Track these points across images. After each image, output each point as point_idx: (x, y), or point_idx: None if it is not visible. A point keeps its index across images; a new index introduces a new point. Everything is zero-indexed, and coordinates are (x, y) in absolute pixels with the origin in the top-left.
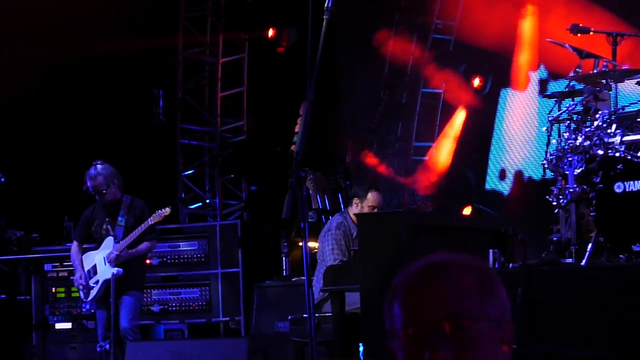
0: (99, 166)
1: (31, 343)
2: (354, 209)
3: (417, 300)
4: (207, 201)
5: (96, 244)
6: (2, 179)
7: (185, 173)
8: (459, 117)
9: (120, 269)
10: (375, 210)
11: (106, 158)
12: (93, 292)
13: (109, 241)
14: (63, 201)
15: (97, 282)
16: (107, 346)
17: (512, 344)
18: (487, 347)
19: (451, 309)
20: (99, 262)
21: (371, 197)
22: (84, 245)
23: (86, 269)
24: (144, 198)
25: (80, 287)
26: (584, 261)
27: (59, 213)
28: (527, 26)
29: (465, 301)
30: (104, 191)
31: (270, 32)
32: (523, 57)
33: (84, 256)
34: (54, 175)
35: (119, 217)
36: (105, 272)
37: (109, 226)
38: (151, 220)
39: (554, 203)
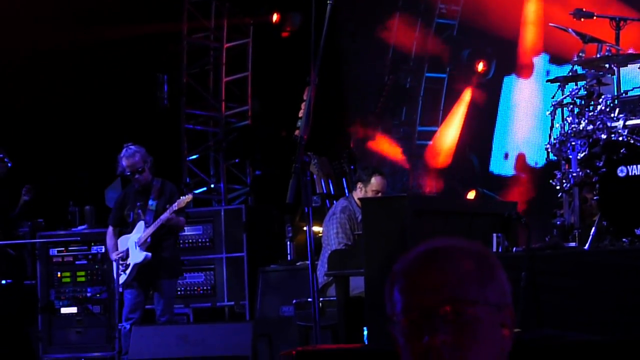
0: (132, 146)
1: (37, 327)
2: (358, 193)
3: (416, 285)
4: (212, 186)
5: (130, 228)
6: (9, 164)
7: (190, 158)
8: (464, 102)
9: (149, 254)
10: (379, 194)
11: (110, 143)
12: (124, 276)
13: (140, 225)
14: (68, 186)
15: (128, 265)
16: (128, 326)
17: (513, 328)
18: (486, 331)
19: (450, 293)
20: (130, 246)
21: (375, 181)
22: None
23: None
24: None
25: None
26: (587, 245)
27: (64, 198)
28: (532, 10)
29: (464, 285)
30: (141, 168)
31: (275, 17)
32: (528, 42)
33: (120, 239)
34: (59, 161)
35: (150, 200)
36: (136, 256)
37: (139, 210)
38: (175, 206)
39: (557, 187)
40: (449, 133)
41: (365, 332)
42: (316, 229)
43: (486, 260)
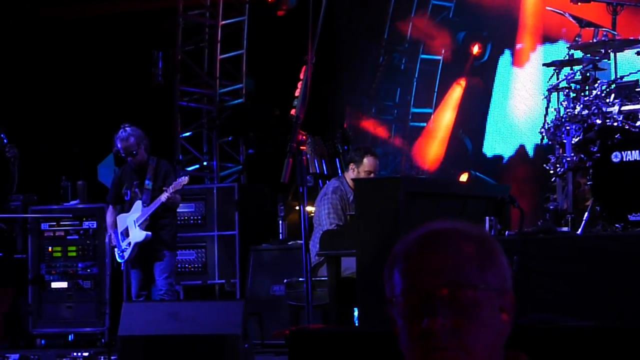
0: (128, 128)
1: (26, 301)
2: (351, 174)
3: (417, 268)
4: (205, 163)
5: (127, 207)
6: (5, 141)
7: (183, 135)
8: (458, 85)
9: (150, 233)
10: (372, 175)
11: (104, 118)
12: (126, 254)
13: (138, 204)
14: (60, 161)
15: (129, 244)
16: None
17: (512, 313)
18: (485, 315)
19: (450, 277)
20: (130, 225)
21: (367, 162)
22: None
23: (119, 231)
24: None
25: (115, 249)
26: (580, 230)
27: (57, 173)
28: None
29: (465, 269)
30: (135, 152)
31: None
32: (525, 25)
33: (118, 217)
34: (52, 135)
35: (146, 180)
36: (136, 235)
37: (137, 189)
38: (172, 189)
39: (551, 172)
40: (445, 116)
41: (356, 313)
42: (309, 208)
43: (487, 244)
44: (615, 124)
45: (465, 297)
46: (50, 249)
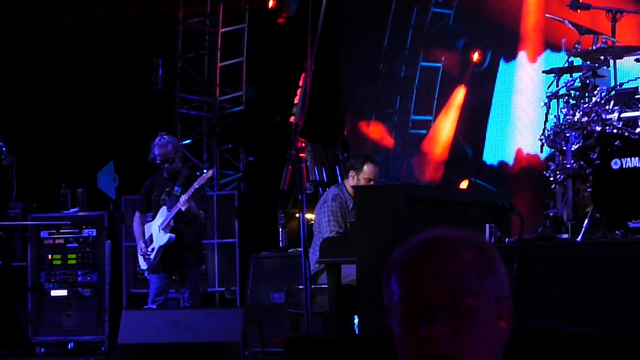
0: (165, 136)
1: (26, 309)
2: (350, 181)
3: (415, 275)
4: (205, 171)
5: (153, 214)
6: (4, 149)
7: (183, 142)
8: (459, 94)
9: (173, 235)
10: (372, 182)
11: (104, 126)
12: (149, 260)
13: (163, 210)
14: (60, 168)
15: (152, 249)
16: (154, 308)
17: (511, 320)
18: (483, 322)
19: (448, 284)
20: (154, 231)
21: (367, 169)
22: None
23: (145, 239)
24: (142, 167)
25: (141, 255)
26: (579, 237)
27: (56, 180)
28: (532, 1)
29: (463, 276)
30: (171, 159)
31: (271, 3)
32: (526, 32)
33: (144, 227)
34: (52, 143)
35: (176, 187)
36: (160, 239)
37: (166, 196)
38: (197, 185)
39: (551, 179)
40: (446, 124)
41: (356, 321)
42: (308, 216)
43: (486, 251)
44: (615, 131)
45: (464, 304)
46: (49, 256)
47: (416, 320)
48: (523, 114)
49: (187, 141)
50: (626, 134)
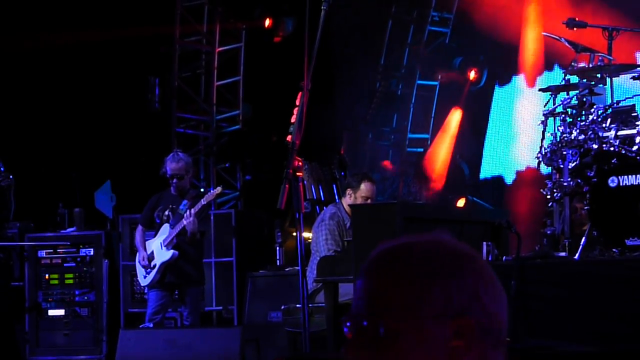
0: (180, 153)
1: (24, 328)
2: (348, 200)
3: (355, 290)
4: (202, 190)
5: (155, 231)
6: (2, 169)
7: None
8: (456, 112)
9: (176, 252)
10: (369, 200)
11: (101, 145)
12: (150, 277)
13: (165, 228)
14: (57, 188)
15: (154, 266)
16: (151, 326)
17: (472, 337)
18: (411, 348)
19: (366, 303)
20: (155, 248)
21: (364, 187)
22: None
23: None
24: (139, 185)
25: (142, 268)
26: (577, 255)
27: (53, 200)
28: (532, 19)
29: (384, 295)
30: (181, 176)
31: (267, 22)
32: (523, 50)
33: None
34: (49, 162)
35: (181, 205)
36: (163, 255)
37: (170, 213)
38: (204, 201)
39: (548, 197)
40: (443, 142)
41: None
42: (306, 234)
43: (428, 263)
44: (612, 148)
45: (387, 327)
46: (47, 276)
47: (347, 341)
48: (520, 131)
49: None
50: (623, 152)
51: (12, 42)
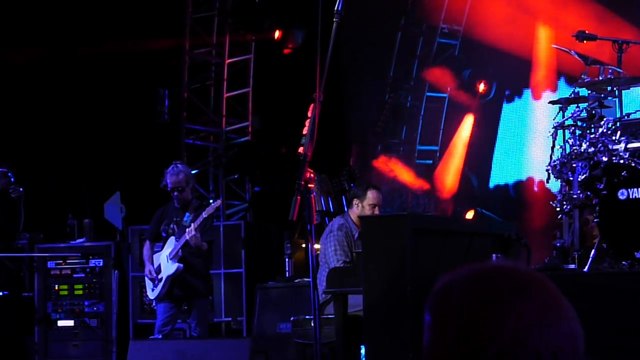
0: (179, 165)
1: (33, 339)
2: (355, 210)
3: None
4: (211, 201)
5: (162, 243)
6: (12, 179)
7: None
8: (466, 126)
9: (181, 265)
10: (376, 208)
11: (110, 156)
12: (157, 290)
13: (171, 240)
14: (67, 199)
15: (161, 279)
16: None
17: None
18: None
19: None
20: (162, 261)
21: (370, 195)
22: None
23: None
24: (149, 197)
25: (150, 281)
26: (586, 267)
27: (63, 211)
28: (542, 34)
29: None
30: (182, 188)
31: (277, 34)
32: (540, 65)
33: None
34: (59, 173)
35: (185, 217)
36: (168, 268)
37: (174, 226)
38: (205, 214)
39: (558, 209)
40: (453, 153)
41: (363, 351)
42: (316, 246)
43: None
44: (622, 161)
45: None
46: (56, 287)
47: None
48: (529, 144)
49: (194, 171)
50: (633, 165)
51: (22, 54)
